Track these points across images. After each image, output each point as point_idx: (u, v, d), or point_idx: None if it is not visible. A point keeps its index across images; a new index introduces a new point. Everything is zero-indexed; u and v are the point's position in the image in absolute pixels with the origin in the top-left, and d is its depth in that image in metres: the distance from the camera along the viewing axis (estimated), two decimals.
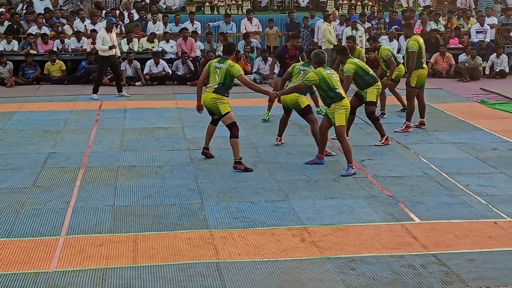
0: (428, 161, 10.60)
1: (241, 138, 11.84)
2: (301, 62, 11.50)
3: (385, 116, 13.61)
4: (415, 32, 12.81)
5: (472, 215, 8.33)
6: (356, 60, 11.52)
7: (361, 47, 16.22)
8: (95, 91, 16.14)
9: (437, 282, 6.50)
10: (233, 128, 10.12)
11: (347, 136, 11.03)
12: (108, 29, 16.07)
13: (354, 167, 9.97)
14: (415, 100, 12.62)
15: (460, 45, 20.22)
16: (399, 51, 18.97)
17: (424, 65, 12.62)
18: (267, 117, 13.48)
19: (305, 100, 10.89)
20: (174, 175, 9.94)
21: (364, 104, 11.56)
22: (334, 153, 10.82)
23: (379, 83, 11.65)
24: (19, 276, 6.58)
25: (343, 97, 9.99)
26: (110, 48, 15.87)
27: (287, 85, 10.92)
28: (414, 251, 7.23)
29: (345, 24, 19.82)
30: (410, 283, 6.47)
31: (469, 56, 19.11)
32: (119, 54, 16.82)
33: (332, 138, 11.05)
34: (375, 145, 11.49)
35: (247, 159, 10.57)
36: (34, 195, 9.03)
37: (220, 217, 8.19)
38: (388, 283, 6.47)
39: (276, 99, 10.96)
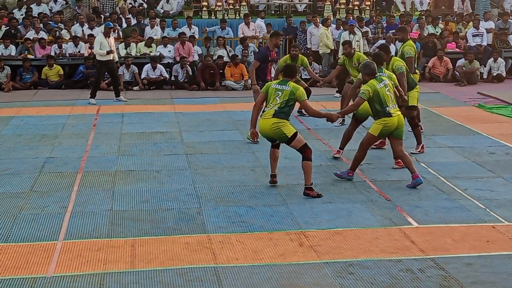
0: (426, 165, 10.61)
1: (238, 142, 11.92)
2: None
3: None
4: (409, 37, 12.80)
5: (470, 219, 8.33)
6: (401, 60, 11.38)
7: (359, 52, 16.22)
8: (93, 95, 16.15)
9: (435, 286, 6.49)
10: (306, 150, 9.09)
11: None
12: (106, 34, 16.07)
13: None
14: None
15: (458, 49, 20.26)
16: (396, 54, 18.96)
17: (416, 70, 12.62)
18: None
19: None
20: (172, 179, 9.93)
21: (405, 109, 11.13)
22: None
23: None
24: (17, 281, 6.57)
25: (391, 115, 9.42)
26: (108, 53, 15.87)
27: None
28: (412, 255, 7.23)
29: (341, 28, 19.86)
30: (408, 287, 6.47)
31: (466, 60, 19.14)
32: (117, 59, 16.82)
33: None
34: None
35: (244, 164, 10.57)
36: (31, 200, 9.02)
37: (218, 222, 8.19)
38: (386, 287, 6.47)
39: None
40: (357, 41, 18.32)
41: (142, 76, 18.37)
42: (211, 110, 15.09)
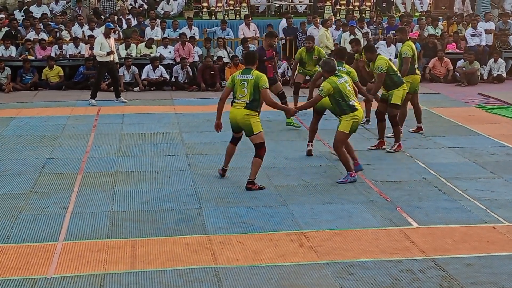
0: (426, 166, 10.61)
1: (239, 143, 11.88)
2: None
3: (369, 123, 13.45)
4: (408, 38, 12.80)
5: (471, 220, 8.33)
6: (386, 57, 11.49)
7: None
8: (93, 96, 16.16)
9: (435, 287, 6.49)
10: (262, 148, 9.48)
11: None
12: (106, 35, 16.07)
13: (354, 174, 9.82)
14: (410, 105, 12.63)
15: (458, 50, 20.26)
16: (396, 56, 18.98)
17: (417, 71, 12.62)
18: None
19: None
20: (172, 180, 9.93)
21: (388, 106, 11.44)
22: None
23: (405, 85, 11.59)
24: (17, 282, 6.57)
25: (356, 109, 9.69)
26: (108, 54, 15.87)
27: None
28: (412, 256, 7.22)
29: (341, 29, 19.86)
30: None
31: (466, 61, 19.14)
32: (117, 60, 16.82)
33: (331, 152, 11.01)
34: (387, 151, 11.43)
35: (245, 165, 10.56)
36: (32, 200, 9.02)
37: (218, 222, 8.18)
38: None
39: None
40: None
41: (143, 77, 18.37)
42: (211, 111, 14.91)
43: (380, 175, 10.14)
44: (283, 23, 20.76)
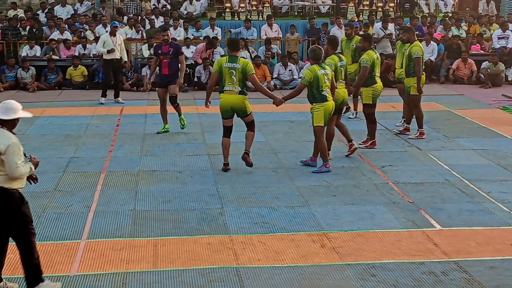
0: (450, 168, 10.54)
1: (261, 144, 11.93)
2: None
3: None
4: (416, 38, 12.70)
5: (494, 222, 8.26)
6: (375, 56, 11.51)
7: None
8: (103, 95, 16.22)
9: None
10: (253, 124, 10.33)
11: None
12: (112, 33, 16.16)
13: (329, 165, 10.25)
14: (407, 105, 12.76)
15: (482, 51, 20.10)
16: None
17: (423, 72, 12.68)
18: (166, 129, 13.02)
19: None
20: (194, 180, 9.96)
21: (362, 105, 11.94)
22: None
23: (378, 87, 11.63)
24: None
25: (327, 100, 10.11)
26: (109, 51, 15.90)
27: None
28: (435, 258, 7.18)
29: (363, 29, 19.78)
30: None
31: (491, 62, 18.98)
32: (125, 59, 16.83)
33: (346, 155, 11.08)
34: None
35: (267, 165, 10.58)
36: (55, 199, 9.10)
37: (240, 222, 8.20)
38: None
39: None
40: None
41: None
42: None
43: (403, 177, 10.09)
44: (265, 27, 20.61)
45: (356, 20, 20.27)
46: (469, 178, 10.01)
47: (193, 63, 18.95)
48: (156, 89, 12.99)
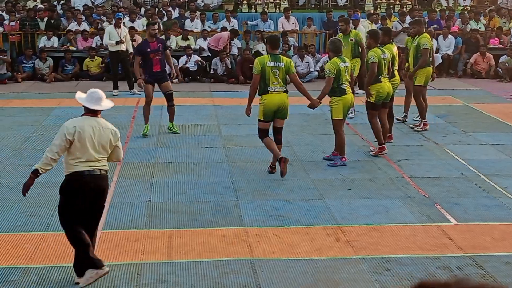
0: (466, 163, 10.48)
1: None
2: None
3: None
4: (424, 30, 12.61)
5: (510, 217, 8.21)
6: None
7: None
8: (114, 87, 16.29)
9: None
10: (281, 132, 9.95)
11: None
12: (116, 25, 16.24)
13: (345, 159, 10.20)
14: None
15: (501, 45, 19.94)
16: (437, 50, 18.79)
17: (431, 64, 12.55)
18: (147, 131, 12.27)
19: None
20: (210, 172, 9.98)
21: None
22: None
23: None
24: (56, 269, 6.68)
25: (346, 93, 10.09)
26: (117, 43, 15.98)
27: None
28: (450, 253, 7.16)
29: (380, 22, 19.68)
30: None
31: (509, 57, 18.81)
32: (131, 50, 16.86)
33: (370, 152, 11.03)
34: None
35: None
36: None
37: (254, 215, 8.21)
38: None
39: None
40: None
41: (179, 66, 18.42)
42: None
43: (419, 171, 10.05)
44: (282, 19, 20.51)
45: (358, 13, 20.08)
46: (486, 173, 9.95)
47: (210, 55, 18.95)
48: (143, 86, 12.01)
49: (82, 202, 6.27)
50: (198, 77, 18.38)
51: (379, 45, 10.97)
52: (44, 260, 6.89)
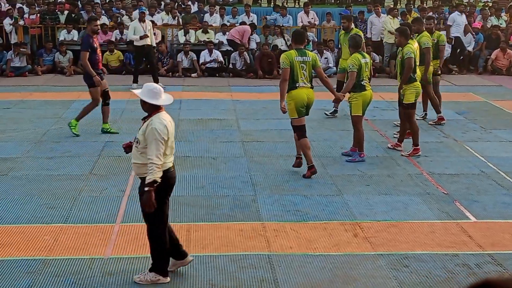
0: (486, 160, 10.41)
1: None
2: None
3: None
4: (424, 28, 12.43)
5: None
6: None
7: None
8: (135, 81, 16.33)
9: None
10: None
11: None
12: (141, 19, 16.28)
13: (363, 155, 10.19)
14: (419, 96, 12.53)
15: None
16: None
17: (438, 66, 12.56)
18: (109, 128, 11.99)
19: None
20: (228, 166, 9.99)
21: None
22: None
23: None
24: (75, 261, 6.72)
25: (365, 89, 10.07)
26: (141, 37, 15.99)
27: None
28: (469, 250, 7.11)
29: (400, 17, 19.57)
30: (464, 282, 6.36)
31: None
32: (154, 44, 16.90)
33: (388, 147, 10.96)
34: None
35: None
36: (90, 182, 9.20)
37: (272, 210, 8.20)
38: (441, 281, 6.38)
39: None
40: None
41: (200, 61, 18.46)
42: (268, 99, 15.07)
43: (438, 168, 10.00)
44: (301, 14, 20.41)
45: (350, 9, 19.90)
46: (506, 170, 9.87)
47: (229, 49, 18.95)
48: (97, 86, 11.65)
49: (167, 198, 6.35)
50: (217, 74, 18.39)
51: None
52: (63, 252, 6.93)
